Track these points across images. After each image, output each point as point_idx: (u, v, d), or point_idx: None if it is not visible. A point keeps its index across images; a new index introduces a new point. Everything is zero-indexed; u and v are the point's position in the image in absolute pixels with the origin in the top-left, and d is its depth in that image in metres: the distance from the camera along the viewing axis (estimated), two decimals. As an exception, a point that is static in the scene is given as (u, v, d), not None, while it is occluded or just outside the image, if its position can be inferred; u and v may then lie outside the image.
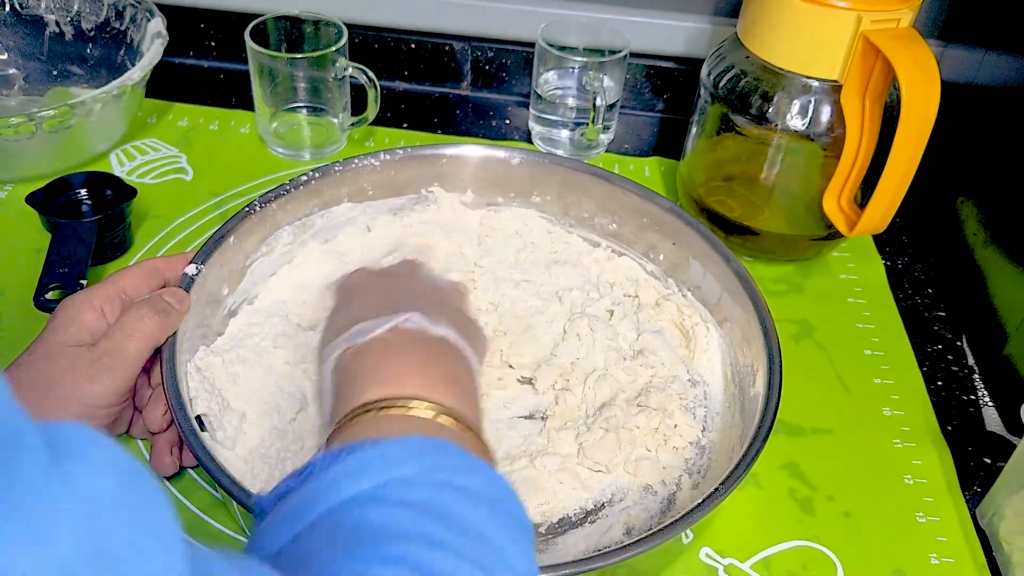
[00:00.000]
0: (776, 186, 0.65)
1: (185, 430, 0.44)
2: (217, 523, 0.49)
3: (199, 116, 0.79)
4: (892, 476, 0.54)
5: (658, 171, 0.77)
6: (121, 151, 0.75)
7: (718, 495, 0.43)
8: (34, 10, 0.77)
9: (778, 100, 0.61)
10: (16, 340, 0.58)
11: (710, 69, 0.65)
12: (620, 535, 0.48)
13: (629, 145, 0.81)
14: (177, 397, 0.46)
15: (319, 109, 0.75)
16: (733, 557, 0.49)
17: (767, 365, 0.50)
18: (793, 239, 0.67)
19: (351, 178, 0.61)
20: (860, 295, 0.67)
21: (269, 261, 0.59)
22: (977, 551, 0.50)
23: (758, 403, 0.48)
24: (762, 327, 0.52)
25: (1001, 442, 0.57)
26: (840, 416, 0.58)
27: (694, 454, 0.52)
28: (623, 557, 0.40)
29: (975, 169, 0.67)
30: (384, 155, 0.62)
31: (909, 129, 0.55)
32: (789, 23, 0.58)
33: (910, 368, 0.61)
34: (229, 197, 0.71)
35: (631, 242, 0.63)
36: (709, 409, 0.55)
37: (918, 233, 0.74)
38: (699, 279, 0.59)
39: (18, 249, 0.64)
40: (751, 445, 0.45)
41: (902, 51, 0.54)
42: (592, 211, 0.64)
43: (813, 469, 0.54)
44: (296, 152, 0.75)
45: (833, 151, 0.61)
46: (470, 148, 0.64)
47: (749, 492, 0.52)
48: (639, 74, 0.84)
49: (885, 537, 0.51)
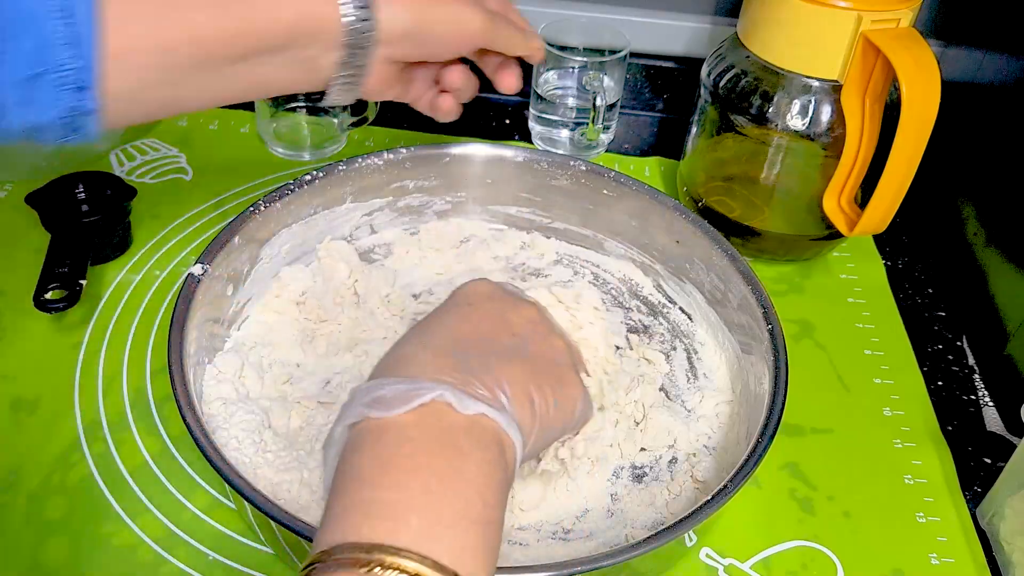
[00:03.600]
0: (776, 186, 0.65)
1: (196, 432, 0.44)
2: (218, 523, 0.49)
3: (199, 116, 0.79)
4: (892, 476, 0.54)
5: (658, 171, 0.77)
6: (121, 151, 0.74)
7: (725, 494, 0.42)
8: (34, 10, 0.77)
9: (778, 100, 0.61)
10: (16, 340, 0.58)
11: (710, 69, 0.65)
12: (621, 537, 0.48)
13: (629, 145, 0.81)
14: (187, 398, 0.46)
15: (319, 109, 0.74)
16: (733, 557, 0.49)
17: (773, 365, 0.50)
18: (793, 239, 0.67)
19: (354, 177, 0.61)
20: (860, 295, 0.67)
21: (277, 260, 0.59)
22: (977, 551, 0.50)
23: (763, 403, 0.48)
24: (768, 327, 0.52)
25: (1001, 442, 0.58)
26: (840, 416, 0.58)
27: (700, 453, 0.52)
28: (626, 557, 0.40)
29: (975, 169, 0.67)
30: (387, 154, 0.62)
31: (909, 129, 0.55)
32: (789, 23, 0.58)
33: (910, 368, 0.61)
34: (229, 197, 0.70)
35: (635, 241, 0.63)
36: (714, 409, 0.55)
37: (918, 233, 0.74)
38: (703, 278, 0.59)
39: (18, 249, 0.64)
40: (757, 445, 0.45)
41: (902, 51, 0.54)
42: (593, 209, 0.64)
43: (813, 469, 0.54)
44: (296, 152, 0.75)
45: (833, 151, 0.61)
46: (475, 147, 0.64)
47: (749, 492, 0.52)
48: (639, 74, 0.84)
49: (885, 537, 0.51)
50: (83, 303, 0.58)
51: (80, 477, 0.50)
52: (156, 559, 0.47)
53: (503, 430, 0.36)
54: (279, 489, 0.47)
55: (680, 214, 0.60)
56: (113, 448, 0.52)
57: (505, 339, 0.41)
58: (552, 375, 0.41)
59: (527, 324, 0.43)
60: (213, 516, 0.49)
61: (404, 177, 0.63)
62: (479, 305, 0.43)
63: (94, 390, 0.55)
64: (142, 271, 0.64)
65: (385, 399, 0.35)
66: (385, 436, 0.34)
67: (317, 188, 0.59)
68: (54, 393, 0.55)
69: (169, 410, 0.54)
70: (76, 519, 0.48)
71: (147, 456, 0.52)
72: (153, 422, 0.54)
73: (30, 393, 0.55)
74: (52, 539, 0.47)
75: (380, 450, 0.34)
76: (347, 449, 0.35)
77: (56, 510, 0.49)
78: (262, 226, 0.57)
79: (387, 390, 0.36)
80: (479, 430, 0.35)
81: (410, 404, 0.35)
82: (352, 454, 0.35)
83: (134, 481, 0.50)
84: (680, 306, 0.62)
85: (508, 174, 0.64)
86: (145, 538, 0.48)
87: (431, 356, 0.38)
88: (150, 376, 0.56)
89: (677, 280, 0.62)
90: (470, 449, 0.34)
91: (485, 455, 0.35)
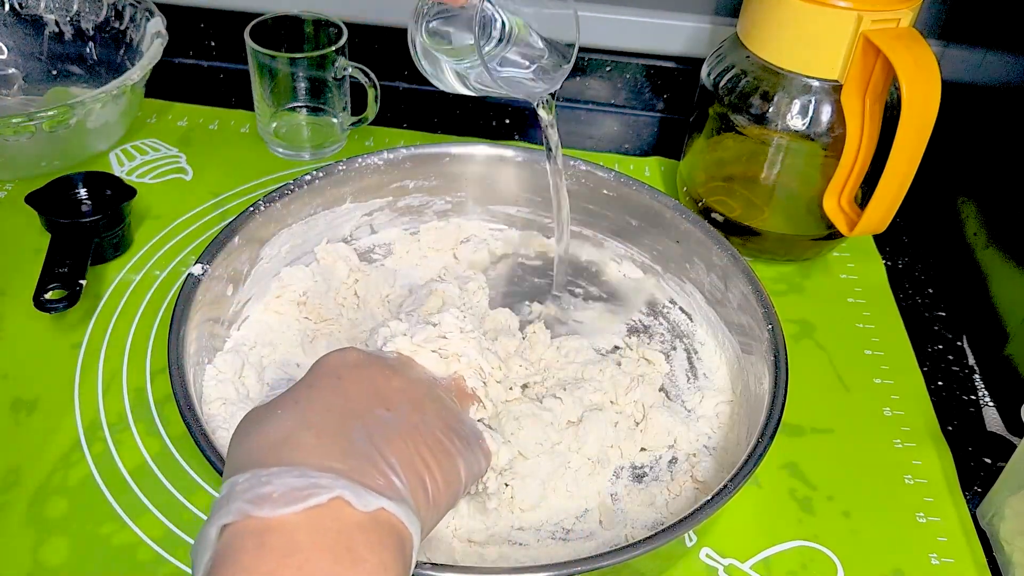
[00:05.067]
0: (776, 186, 0.65)
1: (196, 432, 0.44)
2: (218, 523, 0.49)
3: (199, 116, 0.79)
4: (892, 476, 0.54)
5: (658, 171, 0.77)
6: (121, 151, 0.74)
7: (725, 494, 0.42)
8: (33, 10, 0.77)
9: (778, 100, 0.61)
10: (16, 340, 0.58)
11: (710, 69, 0.65)
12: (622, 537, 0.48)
13: (629, 145, 0.81)
14: (187, 398, 0.46)
15: (319, 109, 0.74)
16: (733, 557, 0.49)
17: (773, 365, 0.50)
18: (793, 239, 0.67)
19: (354, 177, 0.61)
20: (860, 295, 0.67)
21: (277, 260, 0.59)
22: (977, 551, 0.50)
23: (763, 403, 0.48)
24: (768, 327, 0.52)
25: (1001, 442, 0.58)
26: (840, 416, 0.58)
27: (700, 453, 0.52)
28: (626, 557, 0.40)
29: (975, 169, 0.67)
30: (387, 153, 0.62)
31: (909, 129, 0.55)
32: (789, 23, 0.58)
33: (910, 368, 0.61)
34: (229, 197, 0.70)
35: (635, 241, 0.63)
36: (714, 409, 0.55)
37: (918, 233, 0.74)
38: (703, 278, 0.59)
39: (18, 249, 0.64)
40: (757, 445, 0.45)
41: (902, 51, 0.54)
42: (593, 209, 0.64)
43: (813, 469, 0.54)
44: (296, 152, 0.75)
45: (833, 151, 0.61)
46: (475, 147, 0.64)
47: (749, 492, 0.52)
48: (639, 74, 0.84)
49: (885, 537, 0.51)
50: (83, 303, 0.58)
51: (80, 477, 0.50)
52: (156, 559, 0.47)
53: (403, 523, 0.33)
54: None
55: (680, 214, 0.60)
56: (113, 448, 0.52)
57: (381, 412, 0.37)
58: (435, 447, 0.38)
59: (398, 393, 0.39)
60: (213, 516, 0.49)
61: (404, 177, 0.63)
62: (347, 375, 0.39)
63: (94, 390, 0.55)
64: (142, 271, 0.64)
65: (270, 497, 0.31)
66: (269, 541, 0.30)
67: (317, 188, 0.59)
68: (54, 393, 0.55)
69: (169, 410, 0.54)
70: (76, 519, 0.48)
71: (147, 456, 0.52)
72: (153, 422, 0.54)
73: (30, 393, 0.55)
74: (52, 539, 0.47)
75: (261, 562, 0.29)
76: (219, 558, 0.30)
77: (56, 510, 0.49)
78: (262, 226, 0.57)
79: (274, 485, 0.31)
80: (377, 528, 0.32)
81: (303, 504, 0.31)
82: (227, 566, 0.30)
83: (134, 481, 0.50)
84: (680, 306, 0.62)
85: (508, 174, 0.64)
86: (145, 538, 0.48)
87: (314, 438, 0.34)
88: (150, 376, 0.56)
89: (677, 280, 0.62)
90: (367, 554, 0.31)
91: (382, 558, 0.31)
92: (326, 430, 0.35)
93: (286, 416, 0.36)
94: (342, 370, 0.39)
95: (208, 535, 0.31)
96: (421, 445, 0.37)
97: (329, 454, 0.33)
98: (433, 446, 0.38)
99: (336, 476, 0.32)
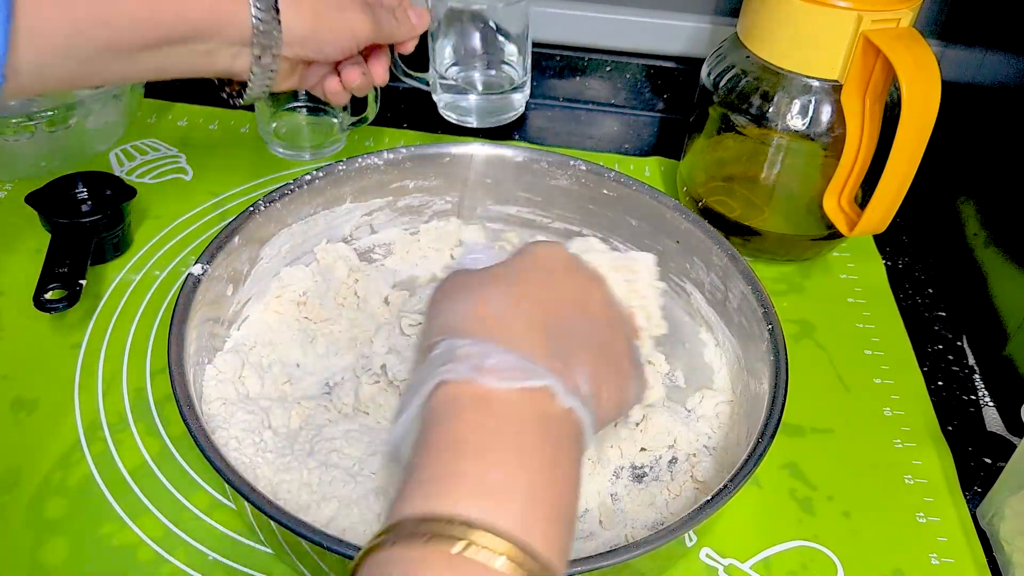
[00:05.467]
0: (776, 186, 0.65)
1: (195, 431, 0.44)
2: (218, 523, 0.49)
3: (199, 116, 0.79)
4: (892, 476, 0.54)
5: (658, 171, 0.77)
6: (121, 151, 0.74)
7: (725, 494, 0.42)
8: (34, 10, 0.77)
9: (778, 100, 0.61)
10: (16, 340, 0.58)
11: (710, 69, 0.65)
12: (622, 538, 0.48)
13: (629, 145, 0.81)
14: (187, 398, 0.46)
15: (319, 109, 0.75)
16: (733, 557, 0.49)
17: (773, 365, 0.50)
18: (793, 239, 0.67)
19: (355, 177, 0.61)
20: (860, 295, 0.67)
21: (278, 260, 0.59)
22: (977, 551, 0.50)
23: (763, 403, 0.48)
24: (768, 327, 0.52)
25: (1001, 442, 0.58)
26: (840, 416, 0.58)
27: (700, 453, 0.52)
28: (626, 557, 0.40)
29: (975, 169, 0.67)
30: (387, 153, 0.62)
31: (909, 129, 0.55)
32: (789, 23, 0.58)
33: (910, 368, 0.61)
34: (229, 197, 0.70)
35: (635, 241, 0.63)
36: (714, 409, 0.55)
37: (918, 233, 0.74)
38: (703, 278, 0.59)
39: (18, 249, 0.64)
40: (757, 445, 0.45)
41: (902, 51, 0.54)
42: (593, 209, 0.64)
43: (813, 469, 0.54)
44: (296, 152, 0.75)
45: (833, 151, 0.61)
46: (475, 147, 0.64)
47: (749, 492, 0.52)
48: (639, 74, 0.84)
49: (885, 537, 0.51)
50: (83, 303, 0.58)
51: (80, 477, 0.50)
52: (156, 559, 0.47)
53: (583, 428, 0.35)
54: (279, 489, 0.47)
55: (680, 214, 0.60)
56: (113, 448, 0.52)
57: (581, 323, 0.38)
58: (616, 366, 0.39)
59: (600, 308, 0.40)
60: (213, 516, 0.49)
61: (404, 177, 0.63)
62: (559, 275, 0.40)
63: (94, 390, 0.55)
64: (142, 271, 0.64)
65: (494, 370, 0.33)
66: (491, 407, 0.32)
67: (317, 188, 0.59)
68: (54, 393, 0.55)
69: (169, 410, 0.54)
70: (76, 519, 0.48)
71: (147, 456, 0.52)
72: (153, 422, 0.54)
73: (30, 393, 0.55)
74: (52, 539, 0.47)
75: (485, 421, 0.32)
76: (442, 407, 0.33)
77: (56, 510, 0.49)
78: (262, 226, 0.57)
79: (496, 359, 0.33)
80: (569, 425, 0.34)
81: (519, 383, 0.33)
82: (450, 419, 0.32)
83: (134, 481, 0.50)
84: (680, 306, 0.62)
85: (508, 174, 0.64)
86: (145, 538, 0.48)
87: (524, 327, 0.36)
88: (150, 376, 0.56)
89: (677, 280, 0.62)
90: (567, 444, 0.33)
91: (573, 452, 0.34)
92: (534, 323, 0.36)
93: (499, 296, 0.37)
94: (552, 264, 0.40)
95: (426, 383, 0.33)
96: (607, 361, 0.38)
97: (535, 346, 0.35)
98: (614, 364, 0.39)
99: (545, 369, 0.34)
